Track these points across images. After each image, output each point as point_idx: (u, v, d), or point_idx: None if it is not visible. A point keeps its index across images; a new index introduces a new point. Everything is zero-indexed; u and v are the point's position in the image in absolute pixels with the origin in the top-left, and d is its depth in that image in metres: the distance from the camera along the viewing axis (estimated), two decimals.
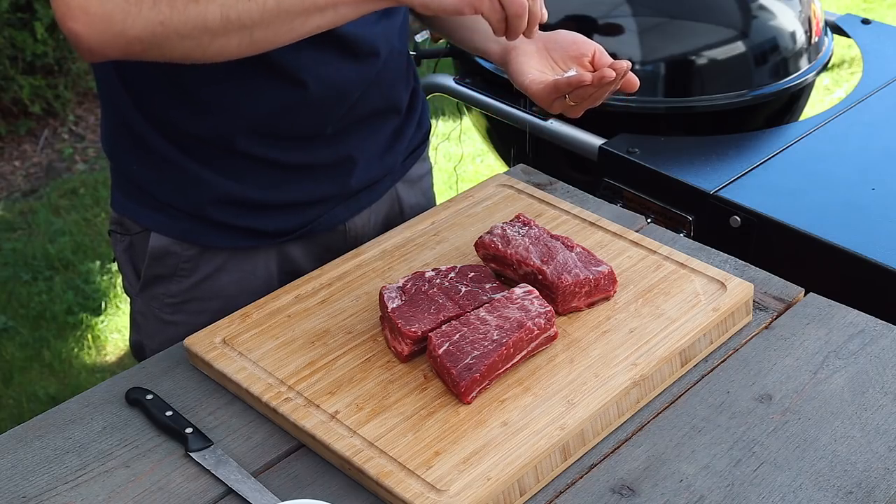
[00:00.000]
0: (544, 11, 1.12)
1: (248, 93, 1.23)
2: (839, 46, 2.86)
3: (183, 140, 1.27)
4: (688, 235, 1.69)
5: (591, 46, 1.25)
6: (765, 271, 1.32)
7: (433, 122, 2.24)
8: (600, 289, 1.21)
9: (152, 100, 1.25)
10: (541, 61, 1.28)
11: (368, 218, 1.43)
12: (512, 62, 1.30)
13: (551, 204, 1.41)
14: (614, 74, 1.15)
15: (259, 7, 1.06)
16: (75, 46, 1.06)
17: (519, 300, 1.14)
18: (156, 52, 1.08)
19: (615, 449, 1.07)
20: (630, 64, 1.16)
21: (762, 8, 2.04)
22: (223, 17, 1.05)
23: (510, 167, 1.59)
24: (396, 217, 1.47)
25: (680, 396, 1.13)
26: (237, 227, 1.32)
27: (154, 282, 1.37)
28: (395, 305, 1.16)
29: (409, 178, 1.49)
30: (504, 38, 1.11)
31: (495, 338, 1.10)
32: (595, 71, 1.20)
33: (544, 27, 1.17)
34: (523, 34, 1.11)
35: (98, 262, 3.26)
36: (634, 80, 1.21)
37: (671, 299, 1.22)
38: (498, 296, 1.16)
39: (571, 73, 1.23)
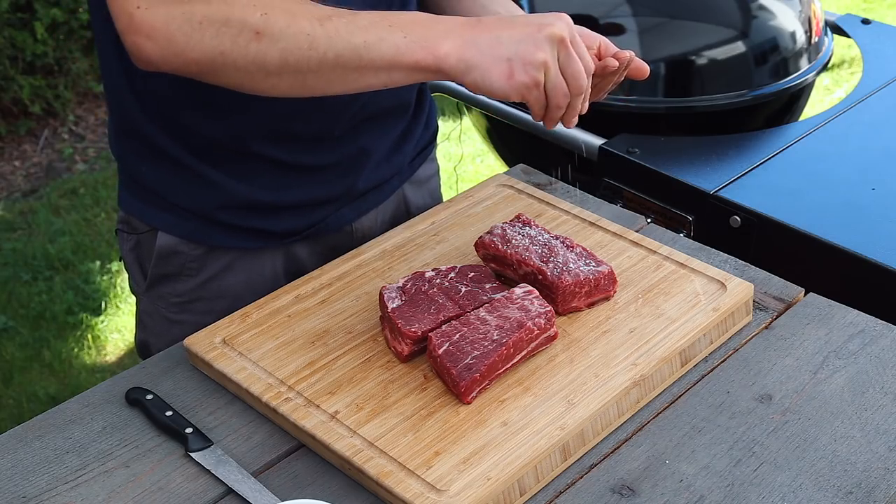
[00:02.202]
0: (586, 104, 1.14)
1: (266, 96, 1.23)
2: (839, 46, 2.86)
3: (193, 142, 1.27)
4: (688, 235, 1.69)
5: (596, 38, 1.25)
6: (765, 271, 1.32)
7: None
8: (600, 289, 1.21)
9: (162, 102, 1.25)
10: None
11: (375, 218, 1.43)
12: None
13: (551, 204, 1.41)
14: (618, 64, 1.15)
15: (318, 57, 1.06)
16: (133, 57, 1.07)
17: (519, 300, 1.14)
18: (209, 77, 1.09)
19: (615, 449, 1.07)
20: (633, 53, 1.17)
21: (762, 8, 2.04)
22: (281, 60, 1.06)
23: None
24: (403, 218, 1.47)
25: (680, 396, 1.13)
26: (245, 227, 1.32)
27: (161, 281, 1.37)
28: (395, 305, 1.16)
29: (416, 179, 1.49)
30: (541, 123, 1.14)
31: (495, 338, 1.10)
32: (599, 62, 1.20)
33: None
34: (561, 121, 1.13)
35: (98, 262, 3.26)
36: (643, 66, 1.21)
37: (671, 299, 1.22)
38: (498, 296, 1.16)
39: None
